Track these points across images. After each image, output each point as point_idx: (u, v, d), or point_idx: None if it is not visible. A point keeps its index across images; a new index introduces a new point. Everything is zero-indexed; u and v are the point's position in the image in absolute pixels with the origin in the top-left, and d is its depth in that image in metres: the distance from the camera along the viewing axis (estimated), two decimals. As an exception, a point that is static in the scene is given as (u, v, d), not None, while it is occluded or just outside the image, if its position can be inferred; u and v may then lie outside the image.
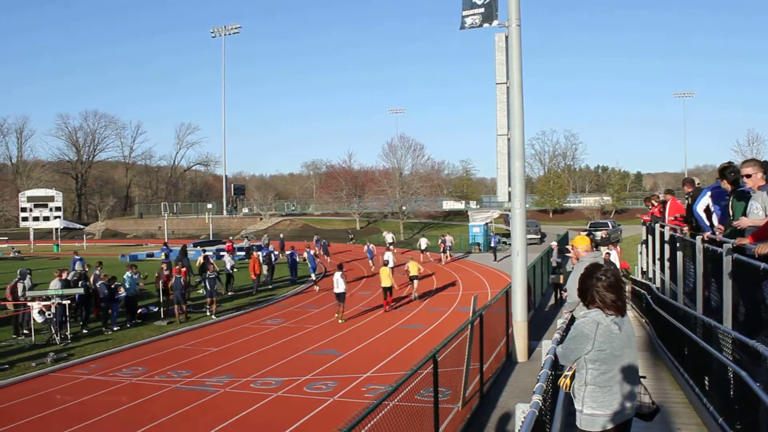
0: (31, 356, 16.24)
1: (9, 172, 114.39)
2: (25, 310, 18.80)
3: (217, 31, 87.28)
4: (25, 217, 75.88)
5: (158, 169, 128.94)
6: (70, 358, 16.20)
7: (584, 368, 4.37)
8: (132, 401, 12.34)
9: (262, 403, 11.97)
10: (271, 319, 21.19)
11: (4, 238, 62.96)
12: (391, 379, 12.66)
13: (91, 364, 15.65)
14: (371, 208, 74.81)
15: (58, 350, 16.76)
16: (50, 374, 14.68)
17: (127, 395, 12.75)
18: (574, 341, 4.40)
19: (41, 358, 15.90)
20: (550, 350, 6.22)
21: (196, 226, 75.48)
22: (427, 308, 22.57)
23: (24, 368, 15.17)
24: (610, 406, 4.30)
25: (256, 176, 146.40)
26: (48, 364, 15.42)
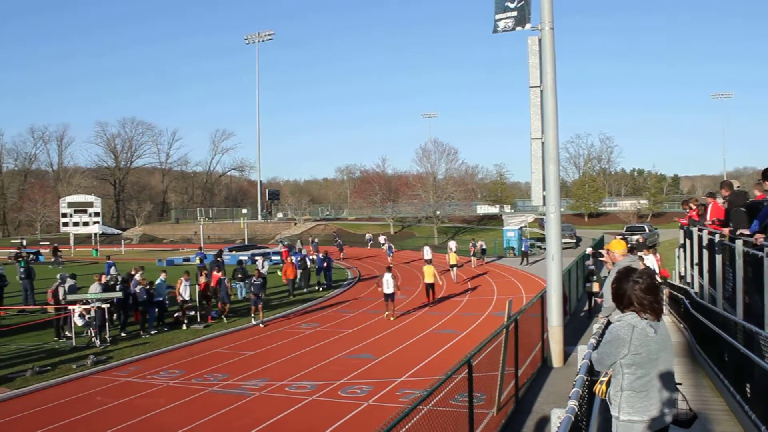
0: (72, 358, 16.57)
1: (50, 179, 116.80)
2: (66, 314, 19.18)
3: (251, 38, 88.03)
4: (66, 222, 77.37)
5: (194, 175, 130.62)
6: (109, 360, 16.48)
7: (620, 373, 4.32)
8: (169, 404, 12.50)
9: (298, 406, 12.03)
10: (305, 323, 21.30)
11: (46, 243, 64.11)
12: (426, 383, 12.66)
13: (130, 366, 15.89)
14: (405, 213, 74.78)
15: (97, 353, 17.06)
16: (90, 376, 14.95)
17: (165, 398, 12.92)
18: (609, 345, 4.34)
19: (82, 360, 16.22)
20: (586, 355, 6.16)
21: (232, 231, 76.14)
22: (462, 313, 22.49)
23: (65, 370, 15.47)
24: (647, 411, 4.24)
25: (290, 181, 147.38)
26: (88, 367, 15.72)
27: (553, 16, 13.68)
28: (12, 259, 39.15)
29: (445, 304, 24.43)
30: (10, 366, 15.91)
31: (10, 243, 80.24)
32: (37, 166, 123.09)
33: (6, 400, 13.18)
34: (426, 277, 24.70)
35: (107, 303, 18.87)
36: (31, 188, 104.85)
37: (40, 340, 19.01)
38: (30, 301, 25.22)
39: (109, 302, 19.01)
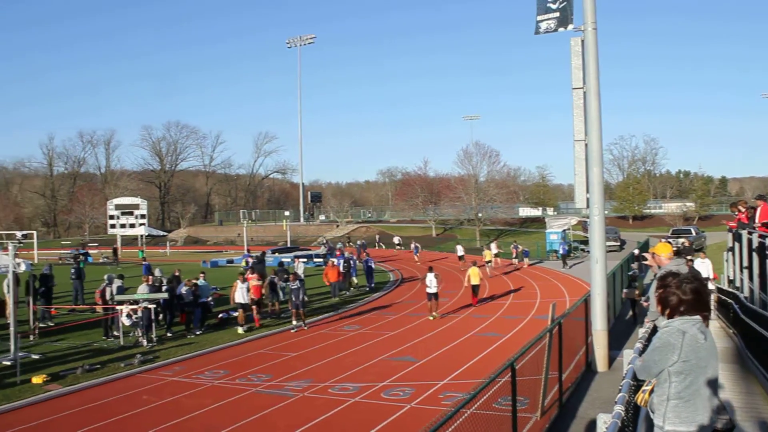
0: (120, 357, 16.92)
1: (98, 182, 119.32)
2: (114, 314, 19.59)
3: (293, 42, 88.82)
4: (113, 224, 79.15)
5: (237, 178, 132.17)
6: (155, 360, 16.79)
7: (667, 381, 4.19)
8: (214, 403, 12.68)
9: (340, 408, 12.10)
10: (348, 325, 21.40)
11: (94, 244, 65.58)
12: (469, 386, 12.60)
13: (175, 366, 16.16)
14: (447, 215, 74.66)
15: (144, 352, 17.40)
16: (137, 375, 15.24)
17: (209, 397, 13.11)
18: (658, 352, 4.22)
19: (129, 359, 16.55)
20: (632, 360, 6.11)
21: (274, 233, 76.85)
22: (505, 316, 22.36)
23: (113, 369, 15.81)
24: (694, 421, 4.12)
25: (332, 184, 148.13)
26: (135, 366, 16.04)
27: (596, 17, 13.54)
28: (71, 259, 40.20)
29: (488, 307, 24.32)
30: (61, 364, 16.34)
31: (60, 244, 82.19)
32: (86, 169, 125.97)
33: (58, 396, 13.53)
34: (472, 278, 24.85)
35: (154, 303, 19.23)
36: (80, 191, 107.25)
37: (90, 339, 19.46)
38: (80, 300, 25.84)
39: (155, 303, 19.36)
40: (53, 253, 61.76)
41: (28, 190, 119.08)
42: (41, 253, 59.07)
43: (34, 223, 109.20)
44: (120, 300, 19.59)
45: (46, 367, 16.02)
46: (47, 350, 18.01)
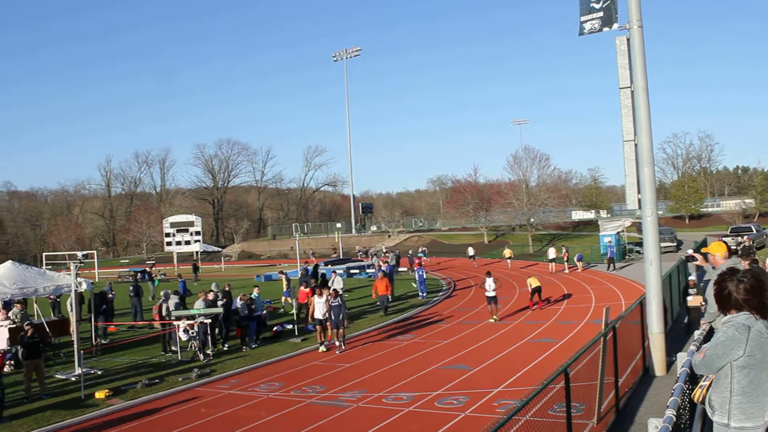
0: (178, 371, 17.27)
1: (154, 201, 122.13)
2: (171, 329, 20.00)
3: (339, 55, 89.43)
4: (169, 241, 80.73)
5: (288, 192, 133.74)
6: (212, 373, 17.07)
7: (729, 377, 4.09)
8: (270, 415, 12.82)
9: (394, 417, 12.10)
10: (401, 335, 21.39)
11: (151, 262, 67.02)
12: (523, 393, 12.49)
13: (232, 379, 16.40)
14: (498, 222, 74.10)
15: (201, 366, 17.71)
16: (195, 389, 15.52)
17: (266, 409, 13.26)
18: (721, 346, 4.09)
19: (187, 373, 16.87)
20: (685, 363, 5.97)
21: (327, 246, 77.35)
22: (559, 321, 22.07)
23: (172, 383, 16.14)
24: (760, 417, 4.04)
25: (382, 194, 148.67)
26: (193, 380, 16.33)
27: (641, 14, 13.34)
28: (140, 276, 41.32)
29: (542, 313, 24.04)
30: (122, 378, 16.76)
31: (119, 263, 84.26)
32: (142, 188, 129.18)
33: (119, 410, 13.87)
34: (532, 282, 25.22)
35: (210, 318, 19.56)
36: (136, 210, 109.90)
37: (149, 354, 19.92)
38: (138, 317, 26.43)
39: (211, 317, 19.69)
40: (113, 271, 63.37)
41: (88, 211, 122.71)
42: (101, 272, 60.61)
43: (94, 243, 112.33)
44: (177, 315, 20.00)
45: (108, 382, 16.46)
46: (109, 366, 18.50)
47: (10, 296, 19.03)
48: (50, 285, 19.86)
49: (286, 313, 26.42)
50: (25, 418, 13.52)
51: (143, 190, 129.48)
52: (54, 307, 27.95)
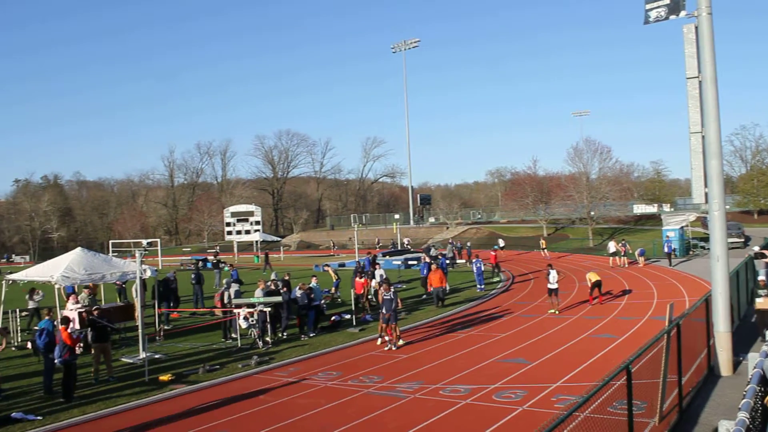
0: (238, 359, 17.59)
1: (215, 191, 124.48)
2: (232, 317, 20.37)
3: (398, 47, 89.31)
4: (230, 231, 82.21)
5: (347, 183, 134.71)
6: (271, 361, 17.32)
7: None
8: (327, 404, 12.94)
9: (451, 410, 12.07)
10: (458, 327, 21.31)
11: (213, 251, 68.35)
12: (582, 389, 12.30)
13: (290, 367, 16.61)
14: (558, 214, 73.05)
15: (260, 354, 17.99)
16: (254, 376, 15.79)
17: (323, 398, 13.39)
18: None
19: (246, 360, 17.19)
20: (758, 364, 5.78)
21: (385, 237, 77.56)
22: (619, 317, 21.65)
23: (232, 369, 16.46)
24: None
25: (441, 186, 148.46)
26: (252, 367, 16.62)
27: (710, 1, 12.90)
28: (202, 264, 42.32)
29: (602, 308, 23.62)
30: (184, 365, 17.16)
31: (181, 251, 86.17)
32: (204, 179, 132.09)
33: (181, 395, 14.22)
34: (592, 277, 24.94)
35: (269, 307, 19.83)
36: (198, 200, 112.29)
37: (209, 341, 20.34)
38: (200, 304, 27.00)
39: (271, 306, 19.96)
40: (175, 259, 64.82)
41: (152, 201, 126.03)
42: (164, 259, 62.06)
43: (157, 232, 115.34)
44: (237, 303, 20.34)
45: (171, 367, 16.89)
46: (171, 351, 18.97)
47: (80, 281, 19.66)
48: (116, 271, 20.48)
49: (344, 303, 26.59)
50: (94, 399, 14.02)
51: (205, 180, 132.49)
52: (120, 292, 28.77)
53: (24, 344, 20.04)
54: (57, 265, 20.30)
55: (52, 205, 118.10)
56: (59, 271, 19.18)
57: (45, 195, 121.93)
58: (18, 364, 18.06)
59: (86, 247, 23.53)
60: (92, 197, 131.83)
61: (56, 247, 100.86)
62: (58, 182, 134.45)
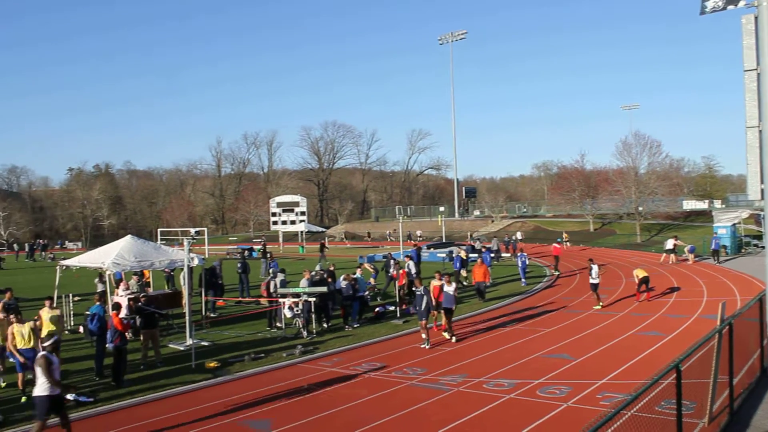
0: (282, 347, 17.77)
1: (261, 181, 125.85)
2: (277, 306, 20.57)
3: (444, 39, 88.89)
4: (275, 221, 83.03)
5: (392, 174, 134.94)
6: (315, 351, 17.45)
7: None
8: (370, 394, 12.99)
9: (495, 404, 12.00)
10: (502, 321, 21.17)
11: (259, 240, 69.07)
12: (628, 387, 12.13)
13: (334, 357, 16.71)
14: (605, 210, 71.99)
15: (305, 343, 18.14)
16: (298, 365, 15.92)
17: (366, 389, 13.44)
18: None
19: (291, 349, 17.35)
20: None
21: (429, 229, 77.48)
22: (667, 314, 21.25)
23: (276, 358, 16.63)
24: None
25: (486, 179, 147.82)
26: (296, 356, 16.77)
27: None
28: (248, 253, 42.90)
29: (650, 305, 23.21)
30: (229, 352, 17.40)
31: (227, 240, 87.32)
32: (250, 169, 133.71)
33: (227, 382, 14.43)
34: (639, 272, 24.55)
35: (314, 297, 19.98)
36: (245, 190, 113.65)
37: (255, 330, 20.59)
38: (245, 293, 27.33)
39: (315, 296, 20.09)
40: (222, 248, 65.70)
41: (200, 190, 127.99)
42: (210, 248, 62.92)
43: (204, 221, 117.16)
44: (282, 293, 20.53)
45: (216, 354, 17.14)
46: (217, 339, 19.25)
47: (130, 268, 20.06)
48: (165, 259, 20.81)
49: (389, 295, 26.63)
50: (142, 384, 14.31)
51: (251, 171, 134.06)
52: (168, 280, 29.26)
53: (76, 328, 20.57)
54: (108, 252, 20.74)
55: (104, 194, 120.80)
56: (110, 258, 19.59)
57: (97, 183, 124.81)
58: (71, 348, 18.53)
59: (135, 234, 23.95)
60: (142, 186, 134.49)
61: (107, 235, 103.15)
62: (109, 171, 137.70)
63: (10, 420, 12.00)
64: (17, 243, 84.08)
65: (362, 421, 11.29)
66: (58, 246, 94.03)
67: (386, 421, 11.26)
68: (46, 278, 35.49)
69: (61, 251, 79.49)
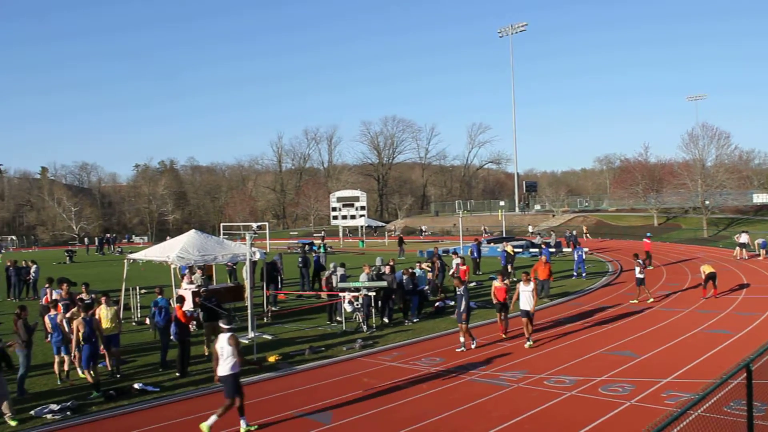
0: (342, 341, 17.91)
1: (321, 176, 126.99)
2: (337, 300, 20.75)
3: (504, 31, 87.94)
4: (335, 215, 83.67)
5: (452, 169, 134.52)
6: (375, 345, 17.55)
7: None
8: (429, 389, 12.99)
9: (556, 401, 11.86)
10: (563, 318, 20.87)
11: (319, 235, 69.72)
12: (695, 387, 11.87)
13: (393, 351, 16.76)
14: (670, 204, 70.16)
15: (364, 337, 18.25)
16: (358, 359, 16.04)
17: (426, 383, 13.45)
18: None
19: (350, 343, 17.48)
20: None
21: (489, 223, 76.87)
22: (737, 312, 20.61)
23: (336, 352, 16.81)
24: None
25: (547, 173, 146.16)
26: (356, 350, 16.89)
27: None
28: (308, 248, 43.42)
29: (717, 302, 22.55)
30: (290, 345, 17.63)
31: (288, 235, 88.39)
32: (311, 164, 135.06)
33: (288, 374, 14.63)
34: (706, 268, 24.00)
35: (374, 291, 20.07)
36: (305, 185, 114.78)
37: (315, 323, 20.83)
38: (306, 287, 27.63)
39: (375, 291, 20.18)
40: (282, 243, 66.55)
41: (261, 185, 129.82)
42: (272, 243, 63.80)
43: (265, 215, 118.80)
44: (342, 287, 20.69)
45: (278, 347, 17.39)
46: (278, 332, 19.54)
47: (193, 262, 20.51)
48: (227, 253, 21.22)
49: (448, 290, 26.55)
50: (205, 374, 14.61)
51: (312, 166, 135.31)
52: (230, 273, 29.84)
53: (143, 320, 21.15)
54: (173, 246, 21.25)
55: (168, 189, 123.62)
56: (175, 252, 20.07)
57: (162, 179, 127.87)
58: (138, 338, 19.10)
59: (199, 229, 24.52)
60: (205, 181, 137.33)
61: (171, 229, 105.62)
62: (173, 167, 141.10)
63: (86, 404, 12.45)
64: (88, 237, 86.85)
65: (422, 415, 11.30)
66: (126, 240, 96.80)
67: (446, 415, 11.25)
68: (114, 271, 36.64)
69: (128, 245, 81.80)
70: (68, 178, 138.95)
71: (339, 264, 23.21)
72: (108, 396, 13.06)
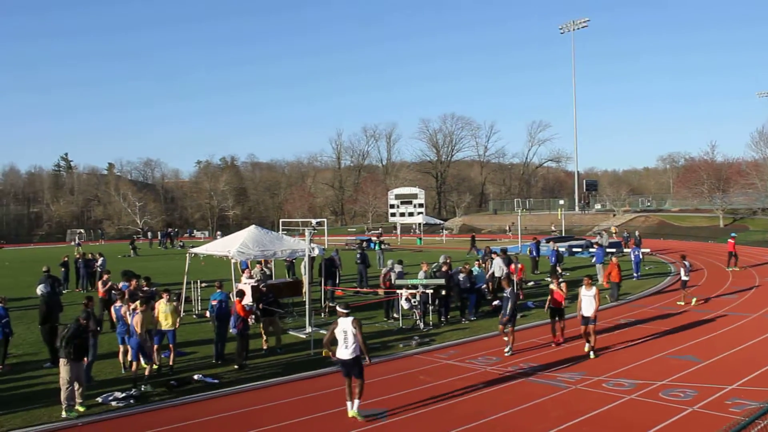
0: (399, 339, 17.97)
1: (380, 173, 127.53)
2: (394, 297, 20.81)
3: (566, 27, 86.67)
4: (393, 213, 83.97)
5: (511, 167, 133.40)
6: (431, 342, 17.56)
7: None
8: (486, 389, 12.94)
9: (615, 404, 11.67)
10: (624, 319, 20.48)
11: (377, 231, 70.02)
12: (763, 395, 11.52)
13: (450, 350, 16.74)
14: (737, 204, 68.03)
15: (421, 335, 18.27)
16: (414, 356, 16.07)
17: (481, 382, 13.39)
18: None
19: (407, 341, 17.54)
20: None
21: (548, 222, 75.90)
22: (807, 317, 19.91)
23: (393, 348, 16.86)
24: None
25: (608, 171, 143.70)
26: (413, 347, 16.94)
27: None
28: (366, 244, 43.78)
29: (787, 307, 21.81)
30: (347, 341, 17.73)
31: (346, 231, 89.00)
32: (369, 161, 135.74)
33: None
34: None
35: (431, 289, 20.06)
36: (363, 182, 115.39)
37: (372, 320, 20.89)
38: (364, 284, 27.77)
39: (432, 288, 20.17)
40: (340, 239, 67.03)
41: (320, 182, 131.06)
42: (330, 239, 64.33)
43: (324, 212, 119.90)
44: (400, 284, 20.73)
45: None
46: (335, 328, 19.65)
47: (253, 257, 20.84)
48: (286, 249, 21.50)
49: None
50: (263, 369, 14.87)
51: (370, 163, 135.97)
52: (289, 269, 30.21)
53: (203, 313, 21.59)
54: (233, 241, 21.63)
55: (229, 185, 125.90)
56: (235, 247, 20.42)
57: (223, 175, 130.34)
58: (197, 331, 19.51)
59: (258, 224, 24.88)
60: (264, 178, 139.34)
61: (232, 224, 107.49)
62: (234, 163, 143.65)
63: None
64: (151, 231, 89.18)
65: (478, 413, 11.27)
66: (187, 234, 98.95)
67: (503, 415, 11.20)
68: (176, 265, 37.48)
69: (189, 239, 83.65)
70: (133, 173, 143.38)
71: (397, 261, 23.25)
72: (169, 386, 13.41)
